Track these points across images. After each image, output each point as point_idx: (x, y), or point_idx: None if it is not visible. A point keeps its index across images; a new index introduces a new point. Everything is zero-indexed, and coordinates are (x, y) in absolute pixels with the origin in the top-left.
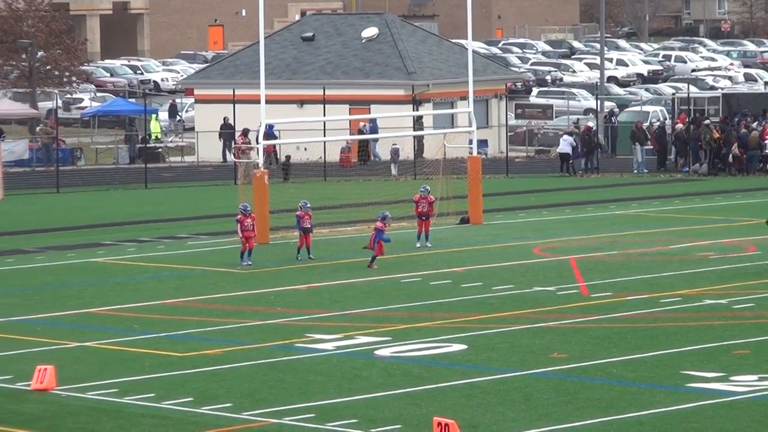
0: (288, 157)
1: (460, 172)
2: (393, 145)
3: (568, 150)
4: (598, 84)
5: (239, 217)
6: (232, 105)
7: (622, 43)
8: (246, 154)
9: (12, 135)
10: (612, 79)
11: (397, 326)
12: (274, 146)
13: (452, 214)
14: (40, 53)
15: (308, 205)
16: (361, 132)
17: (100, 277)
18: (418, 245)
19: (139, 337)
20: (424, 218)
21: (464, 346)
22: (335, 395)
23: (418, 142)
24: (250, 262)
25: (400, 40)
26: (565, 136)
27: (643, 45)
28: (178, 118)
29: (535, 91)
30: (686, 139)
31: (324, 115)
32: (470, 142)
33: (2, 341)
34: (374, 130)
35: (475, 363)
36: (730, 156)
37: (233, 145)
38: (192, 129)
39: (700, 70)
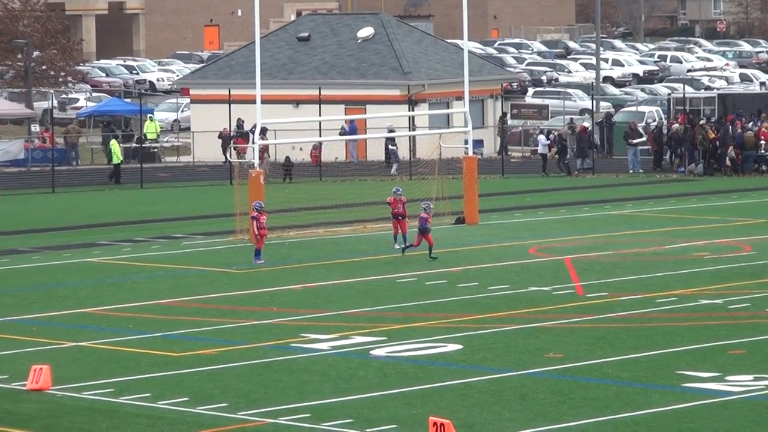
0: (287, 158)
1: (455, 172)
2: (391, 146)
3: (547, 150)
4: (594, 84)
5: (255, 214)
6: (227, 105)
7: (617, 43)
8: (243, 155)
9: (7, 135)
10: (608, 80)
11: (392, 326)
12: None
13: (448, 215)
14: (35, 53)
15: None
16: (343, 132)
17: (96, 276)
18: (396, 246)
19: (134, 336)
20: (400, 218)
21: (460, 346)
22: (331, 395)
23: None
24: (262, 261)
25: (395, 40)
26: (541, 137)
27: (638, 45)
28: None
29: (530, 91)
30: (681, 139)
31: (320, 115)
32: (466, 142)
33: None
34: (353, 130)
35: (471, 363)
36: (727, 158)
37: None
38: (188, 129)
39: (695, 70)
